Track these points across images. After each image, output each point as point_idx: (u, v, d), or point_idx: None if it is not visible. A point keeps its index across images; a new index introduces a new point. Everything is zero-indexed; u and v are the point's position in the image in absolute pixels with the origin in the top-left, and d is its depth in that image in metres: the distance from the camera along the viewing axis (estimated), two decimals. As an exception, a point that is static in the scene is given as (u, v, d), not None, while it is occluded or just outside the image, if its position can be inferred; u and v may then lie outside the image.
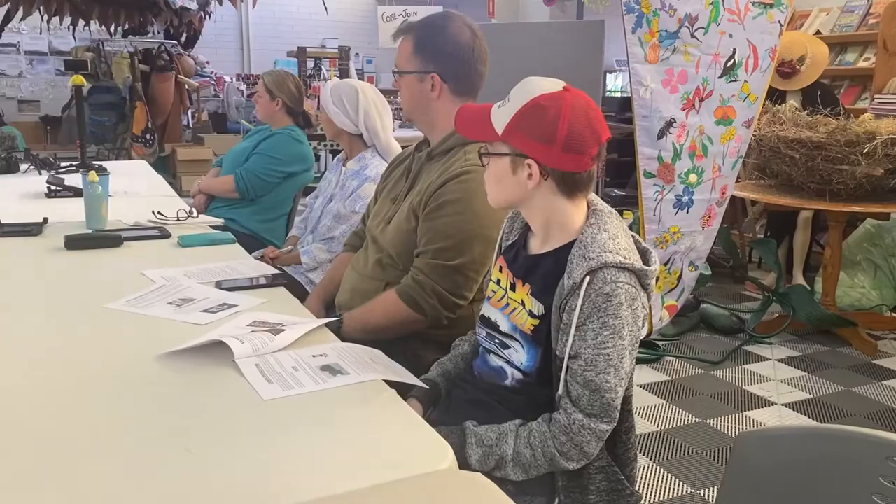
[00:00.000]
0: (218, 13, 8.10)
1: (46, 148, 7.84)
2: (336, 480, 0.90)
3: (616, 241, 1.22)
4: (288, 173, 3.13)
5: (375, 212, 1.92)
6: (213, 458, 0.94)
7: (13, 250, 1.98)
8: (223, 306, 1.54)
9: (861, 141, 3.23)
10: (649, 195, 3.17)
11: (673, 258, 3.33)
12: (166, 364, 1.23)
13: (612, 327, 1.18)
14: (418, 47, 1.70)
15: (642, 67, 3.01)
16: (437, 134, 1.77)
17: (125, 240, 2.06)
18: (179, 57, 7.95)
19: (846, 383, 3.18)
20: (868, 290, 4.06)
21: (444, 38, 1.69)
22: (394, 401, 1.13)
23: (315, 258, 2.54)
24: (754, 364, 3.39)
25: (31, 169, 3.38)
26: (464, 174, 1.65)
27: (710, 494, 2.29)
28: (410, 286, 1.66)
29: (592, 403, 1.19)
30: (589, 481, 1.28)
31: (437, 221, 1.66)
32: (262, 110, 3.16)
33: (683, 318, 3.75)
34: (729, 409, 2.91)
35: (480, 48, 1.71)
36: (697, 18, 3.02)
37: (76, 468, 0.91)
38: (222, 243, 2.12)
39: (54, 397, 1.10)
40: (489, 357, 1.40)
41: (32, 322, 1.44)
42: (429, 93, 1.71)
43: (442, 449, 0.98)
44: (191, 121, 8.45)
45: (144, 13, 7.02)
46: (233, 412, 1.07)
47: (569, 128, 1.19)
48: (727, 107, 3.21)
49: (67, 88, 7.71)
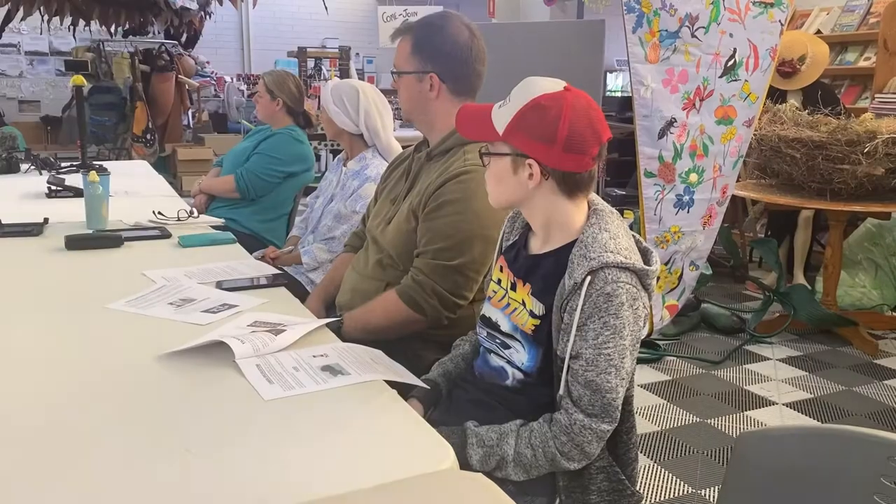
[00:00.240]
0: (218, 13, 8.10)
1: (47, 148, 7.85)
2: (337, 480, 0.90)
3: (617, 241, 1.22)
4: (288, 173, 3.13)
5: (375, 212, 1.92)
6: (214, 459, 0.94)
7: (14, 251, 1.98)
8: (224, 306, 1.54)
9: (862, 140, 3.23)
10: (650, 195, 3.17)
11: (674, 258, 3.33)
12: (167, 364, 1.23)
13: (613, 327, 1.18)
14: (417, 47, 1.70)
15: (643, 67, 3.01)
16: (436, 134, 1.77)
17: (126, 240, 2.06)
18: (180, 57, 7.95)
19: (847, 383, 3.18)
20: (869, 289, 4.06)
21: (443, 38, 1.69)
22: (394, 401, 1.13)
23: (316, 258, 2.54)
24: (755, 364, 3.39)
25: (31, 169, 3.38)
26: (463, 174, 1.65)
27: (711, 494, 2.29)
28: (410, 286, 1.66)
29: (593, 403, 1.19)
30: (590, 481, 1.28)
31: (437, 222, 1.65)
32: (263, 110, 3.16)
33: (684, 318, 3.75)
34: (730, 408, 2.91)
35: (479, 48, 1.71)
36: (698, 18, 3.02)
37: (76, 468, 0.91)
38: (223, 243, 2.12)
39: (55, 398, 1.10)
40: (490, 357, 1.40)
41: (33, 322, 1.44)
42: (427, 93, 1.71)
43: (443, 449, 0.98)
44: (191, 121, 8.45)
45: (145, 13, 7.02)
46: (233, 412, 1.07)
47: (570, 128, 1.19)
48: (728, 106, 3.21)
49: (68, 89, 7.73)
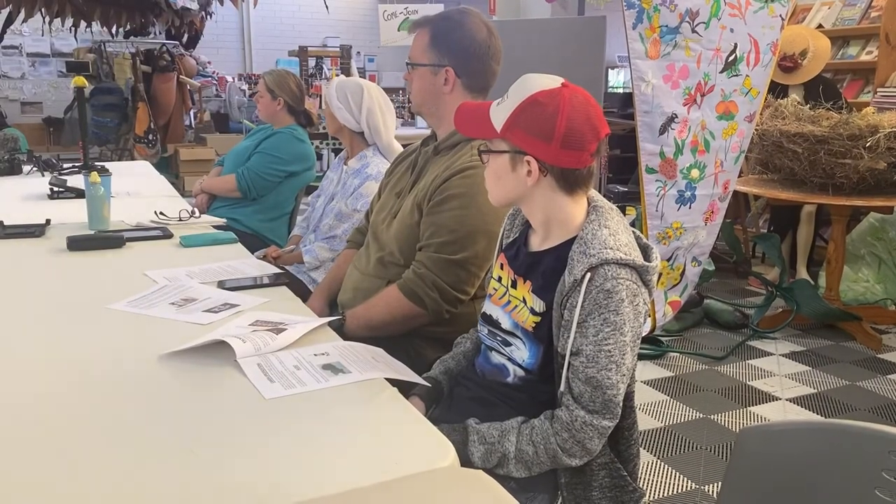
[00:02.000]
0: (219, 13, 8.12)
1: (49, 149, 7.87)
2: (338, 479, 0.90)
3: (617, 238, 1.21)
4: (289, 172, 3.13)
5: (380, 206, 1.92)
6: (216, 458, 0.94)
7: (16, 252, 1.98)
8: (225, 306, 1.54)
9: (864, 135, 3.22)
10: (651, 191, 3.16)
11: (676, 254, 3.32)
12: (168, 364, 1.23)
13: (614, 324, 1.18)
14: (434, 40, 1.71)
15: (643, 63, 3.00)
16: (444, 128, 1.77)
17: (127, 240, 2.06)
18: (181, 57, 7.95)
19: (850, 378, 3.17)
20: (872, 284, 4.05)
21: (462, 34, 1.69)
22: (396, 399, 1.13)
23: (317, 257, 2.54)
24: (758, 359, 3.39)
25: (33, 171, 3.39)
26: (469, 169, 1.65)
27: (715, 490, 2.29)
28: (411, 279, 1.66)
29: (594, 400, 1.19)
30: (592, 478, 1.28)
31: (441, 215, 1.66)
32: (264, 110, 3.17)
33: (687, 314, 3.74)
34: (733, 404, 2.90)
35: (496, 47, 1.72)
36: (698, 13, 3.01)
37: (79, 468, 0.91)
38: (224, 243, 2.12)
39: (57, 398, 1.11)
40: (491, 354, 1.40)
41: (35, 323, 1.44)
42: (441, 86, 1.72)
43: (444, 447, 0.98)
44: (193, 121, 8.46)
45: (146, 14, 7.03)
46: (235, 411, 1.07)
47: (567, 124, 1.19)
48: (729, 102, 3.20)
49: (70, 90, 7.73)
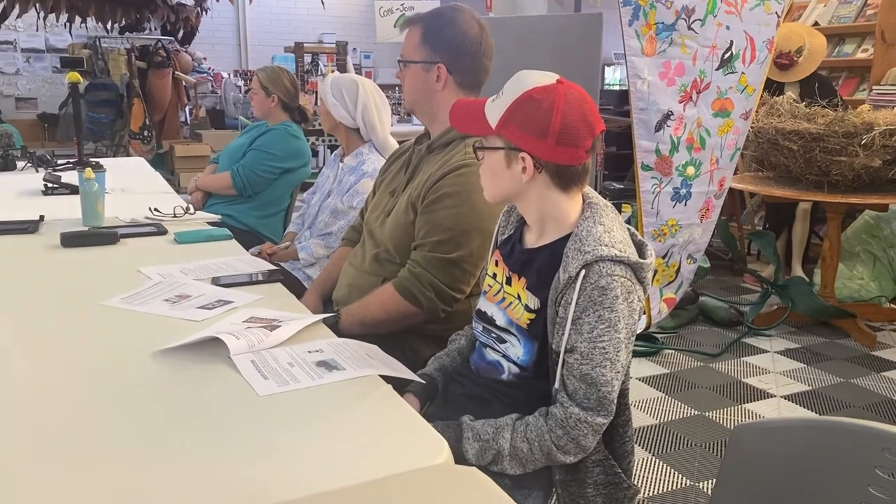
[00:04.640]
0: (215, 9, 8.09)
1: (44, 145, 7.85)
2: (332, 476, 0.90)
3: (611, 235, 1.21)
4: (284, 169, 3.13)
5: (374, 205, 1.91)
6: (209, 454, 0.94)
7: (9, 248, 1.97)
8: (220, 303, 1.53)
9: (859, 132, 3.22)
10: (647, 188, 3.17)
11: (671, 251, 3.33)
12: (162, 361, 1.23)
13: (608, 321, 1.17)
14: (426, 37, 1.70)
15: (639, 60, 3.00)
16: (438, 126, 1.77)
17: (121, 237, 2.05)
18: (176, 53, 7.93)
19: (845, 375, 3.18)
20: (867, 281, 4.06)
21: (453, 30, 1.69)
22: (390, 396, 1.12)
23: (312, 254, 2.54)
24: (753, 356, 3.39)
25: (27, 166, 3.38)
26: (463, 167, 1.65)
27: (709, 487, 2.29)
28: (407, 279, 1.66)
29: (589, 397, 1.19)
30: (586, 475, 1.28)
31: (436, 214, 1.65)
32: (258, 107, 3.16)
33: (682, 311, 3.75)
34: (728, 401, 2.91)
35: (487, 43, 1.72)
36: (694, 10, 3.01)
37: (71, 464, 0.91)
38: (219, 240, 2.11)
39: (50, 394, 1.10)
40: (486, 351, 1.40)
41: (28, 320, 1.43)
42: (433, 83, 1.71)
43: (438, 444, 0.98)
44: (188, 117, 8.43)
45: (141, 9, 7.01)
46: (228, 408, 1.07)
47: (562, 120, 1.19)
48: (725, 99, 3.20)
49: (64, 86, 7.70)
